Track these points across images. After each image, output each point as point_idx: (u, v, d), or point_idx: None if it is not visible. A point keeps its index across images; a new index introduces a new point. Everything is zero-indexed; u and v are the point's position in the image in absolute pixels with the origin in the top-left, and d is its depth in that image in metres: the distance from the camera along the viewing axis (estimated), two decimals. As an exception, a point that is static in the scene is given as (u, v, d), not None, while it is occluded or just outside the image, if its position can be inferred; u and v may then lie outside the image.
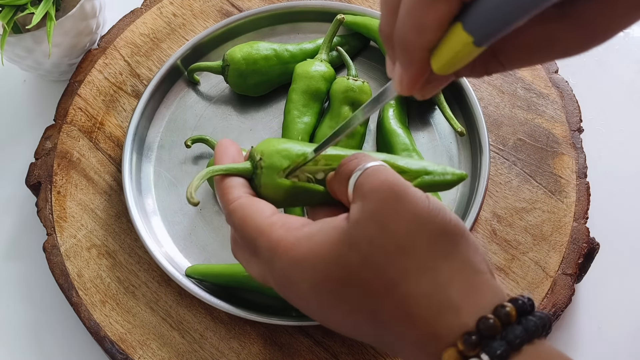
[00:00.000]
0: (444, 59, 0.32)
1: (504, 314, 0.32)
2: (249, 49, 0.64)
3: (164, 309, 0.58)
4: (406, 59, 0.32)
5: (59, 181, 0.64)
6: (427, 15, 0.30)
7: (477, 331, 0.32)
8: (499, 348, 0.31)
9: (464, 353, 0.32)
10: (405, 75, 0.33)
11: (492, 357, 0.31)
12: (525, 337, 0.32)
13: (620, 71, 0.71)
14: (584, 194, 0.60)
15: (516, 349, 0.32)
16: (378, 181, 0.37)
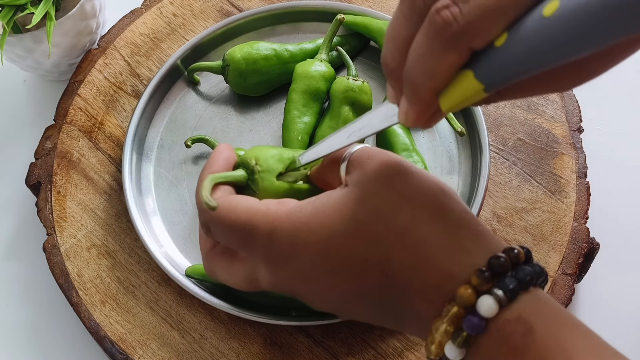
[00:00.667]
0: (453, 102, 0.33)
1: (514, 255, 0.34)
2: (249, 49, 0.64)
3: (164, 309, 0.58)
4: (414, 99, 0.34)
5: (59, 181, 0.64)
6: (439, 63, 0.32)
7: (489, 268, 0.34)
8: (511, 283, 0.33)
9: (477, 288, 0.34)
10: (412, 111, 0.35)
11: (505, 292, 0.33)
12: (534, 276, 0.34)
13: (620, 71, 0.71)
14: (584, 194, 0.60)
15: (525, 288, 0.34)
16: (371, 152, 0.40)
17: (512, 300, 0.33)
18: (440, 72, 0.32)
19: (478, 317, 0.33)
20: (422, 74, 0.33)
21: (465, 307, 0.34)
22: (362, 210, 0.37)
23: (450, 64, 0.32)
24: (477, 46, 0.31)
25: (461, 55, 0.31)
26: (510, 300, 0.33)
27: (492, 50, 0.31)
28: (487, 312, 0.33)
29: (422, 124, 0.36)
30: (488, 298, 0.33)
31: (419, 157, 0.59)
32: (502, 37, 0.31)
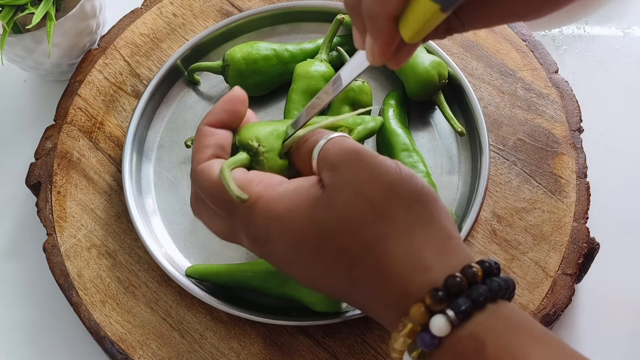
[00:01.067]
0: (413, 29, 0.33)
1: (471, 274, 0.34)
2: (249, 49, 0.64)
3: (164, 309, 0.58)
4: (374, 30, 0.34)
5: (59, 181, 0.64)
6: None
7: (444, 288, 0.34)
8: (463, 304, 0.33)
9: (430, 307, 0.34)
10: (376, 45, 0.35)
11: (456, 313, 0.33)
12: (489, 295, 0.34)
13: (620, 71, 0.71)
14: (584, 194, 0.60)
15: (480, 307, 0.34)
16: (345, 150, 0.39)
17: (464, 320, 0.33)
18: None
19: (430, 335, 0.33)
20: (375, 2, 0.33)
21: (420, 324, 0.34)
22: (331, 219, 0.37)
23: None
24: None
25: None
26: (462, 321, 0.33)
27: None
28: (438, 332, 0.33)
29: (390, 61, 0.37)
30: (440, 318, 0.33)
31: (418, 157, 0.59)
32: None
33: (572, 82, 0.66)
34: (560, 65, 0.67)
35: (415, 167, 0.58)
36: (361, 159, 0.38)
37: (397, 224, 0.36)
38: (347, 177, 0.38)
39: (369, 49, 0.36)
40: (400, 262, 0.35)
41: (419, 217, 0.36)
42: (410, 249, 0.36)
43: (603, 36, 0.74)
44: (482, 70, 0.66)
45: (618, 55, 0.72)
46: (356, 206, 0.37)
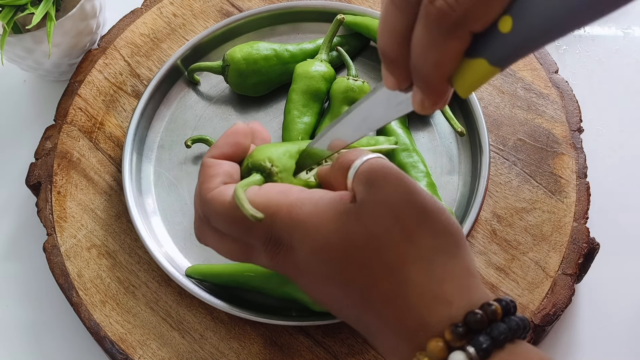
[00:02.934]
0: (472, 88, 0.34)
1: (491, 311, 0.34)
2: (249, 49, 0.64)
3: (164, 309, 0.58)
4: (428, 89, 0.35)
5: (59, 181, 0.64)
6: (444, 52, 0.32)
7: (464, 324, 0.33)
8: (485, 342, 0.33)
9: (450, 343, 0.33)
10: (428, 100, 0.36)
11: (477, 350, 0.33)
12: (509, 334, 0.34)
13: (620, 71, 0.71)
14: (584, 194, 0.60)
15: (500, 346, 0.33)
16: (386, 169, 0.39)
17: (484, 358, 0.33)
18: (447, 60, 0.33)
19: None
20: (430, 66, 0.33)
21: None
22: (359, 232, 0.37)
23: (454, 51, 0.32)
24: (477, 29, 0.32)
25: (463, 40, 0.32)
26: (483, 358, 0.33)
27: (501, 37, 0.32)
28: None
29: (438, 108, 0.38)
30: (460, 355, 0.33)
31: (418, 157, 0.59)
32: (507, 22, 0.31)
33: (572, 82, 0.66)
34: (560, 65, 0.67)
35: (415, 167, 0.58)
36: (401, 180, 0.38)
37: (423, 249, 0.36)
38: (383, 194, 0.37)
39: (418, 101, 0.37)
40: (420, 289, 0.35)
41: (444, 248, 0.36)
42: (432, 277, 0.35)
43: (603, 36, 0.74)
44: (482, 70, 0.66)
45: (618, 55, 0.72)
46: (387, 224, 0.36)
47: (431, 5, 0.31)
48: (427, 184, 0.58)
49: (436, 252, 0.36)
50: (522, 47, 0.32)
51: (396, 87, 0.38)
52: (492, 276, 0.57)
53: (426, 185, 0.57)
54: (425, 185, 0.57)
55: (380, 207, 0.37)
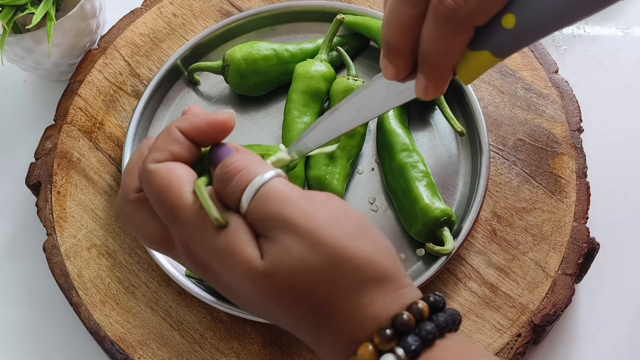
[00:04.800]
0: (475, 76, 0.39)
1: (417, 311, 0.34)
2: (249, 49, 0.64)
3: (164, 309, 0.58)
4: (434, 75, 0.39)
5: (59, 181, 0.64)
6: (452, 44, 0.37)
7: (392, 326, 0.34)
8: (413, 344, 0.33)
9: (379, 347, 0.33)
10: (432, 86, 0.39)
11: (406, 352, 0.33)
12: (437, 332, 0.34)
13: (620, 71, 0.71)
14: (584, 194, 0.60)
15: (429, 344, 0.34)
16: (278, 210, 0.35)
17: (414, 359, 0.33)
18: (454, 51, 0.37)
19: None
20: (439, 55, 0.38)
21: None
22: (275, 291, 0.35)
23: (461, 43, 0.37)
24: (480, 24, 0.36)
25: (468, 33, 0.37)
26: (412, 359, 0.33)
27: (505, 32, 0.36)
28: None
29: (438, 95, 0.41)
30: (390, 357, 0.33)
31: (418, 157, 0.59)
32: (510, 19, 0.36)
33: (572, 82, 0.66)
34: (560, 65, 0.67)
35: (415, 167, 0.58)
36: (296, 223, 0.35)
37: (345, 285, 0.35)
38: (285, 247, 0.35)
39: (421, 87, 0.39)
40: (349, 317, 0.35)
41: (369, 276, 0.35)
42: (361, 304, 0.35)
43: (603, 36, 0.74)
44: (482, 70, 0.66)
45: (618, 55, 0.72)
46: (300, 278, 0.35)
47: (441, 4, 0.35)
48: (427, 184, 0.58)
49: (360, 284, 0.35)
50: (524, 40, 0.37)
51: (395, 77, 0.40)
52: (492, 276, 0.57)
53: (426, 185, 0.58)
54: (425, 185, 0.58)
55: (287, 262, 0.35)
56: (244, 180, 0.36)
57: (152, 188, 0.38)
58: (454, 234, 0.57)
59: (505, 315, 0.56)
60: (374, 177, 0.62)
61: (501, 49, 0.37)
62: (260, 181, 0.36)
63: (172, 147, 0.39)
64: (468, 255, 0.58)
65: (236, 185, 0.37)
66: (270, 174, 0.37)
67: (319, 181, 0.59)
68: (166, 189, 0.37)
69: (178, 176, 0.38)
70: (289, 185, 0.37)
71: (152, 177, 0.38)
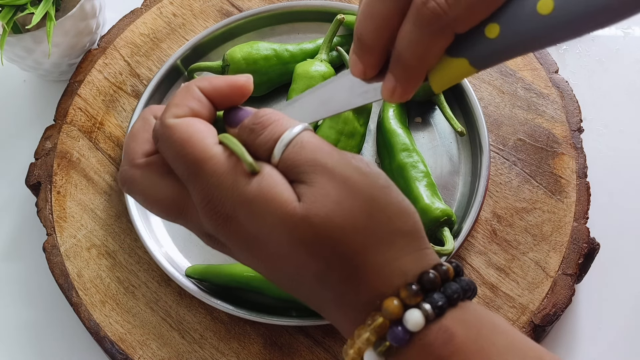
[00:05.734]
0: (446, 83, 0.37)
1: (443, 271, 0.35)
2: (249, 49, 0.64)
3: (164, 309, 0.58)
4: (406, 77, 0.37)
5: (58, 181, 0.64)
6: (430, 48, 0.35)
7: (418, 283, 0.34)
8: (440, 300, 0.34)
9: (405, 301, 0.34)
10: (400, 88, 0.38)
11: (433, 307, 0.33)
12: (461, 293, 0.35)
13: (621, 71, 0.71)
14: (584, 194, 0.60)
15: (454, 304, 0.34)
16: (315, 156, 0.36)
17: (439, 316, 0.33)
18: (431, 55, 0.36)
19: (403, 330, 0.33)
20: (414, 58, 0.36)
21: (391, 319, 0.34)
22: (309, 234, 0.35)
23: (439, 48, 0.36)
24: (462, 31, 0.35)
25: (448, 39, 0.35)
26: (437, 316, 0.33)
27: (486, 42, 0.35)
28: (413, 326, 0.33)
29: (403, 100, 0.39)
30: (416, 312, 0.33)
31: (418, 157, 0.59)
32: (494, 29, 0.34)
33: (572, 82, 0.66)
34: (561, 65, 0.67)
35: (415, 167, 0.58)
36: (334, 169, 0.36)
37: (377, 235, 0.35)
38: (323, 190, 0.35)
39: (389, 88, 0.38)
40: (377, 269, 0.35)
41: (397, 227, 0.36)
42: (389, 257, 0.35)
43: (603, 36, 0.74)
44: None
45: (618, 55, 0.72)
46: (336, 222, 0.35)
47: (424, 7, 0.34)
48: (427, 184, 0.58)
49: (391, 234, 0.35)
50: (505, 53, 0.35)
51: (362, 75, 0.39)
52: (492, 276, 0.57)
53: (426, 185, 0.57)
54: (425, 185, 0.57)
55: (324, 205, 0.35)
56: (277, 131, 0.37)
57: (172, 142, 0.37)
58: (454, 234, 0.56)
59: (506, 316, 0.56)
60: (374, 177, 0.62)
61: (480, 59, 0.35)
62: (294, 132, 0.37)
63: (191, 103, 0.38)
64: (468, 255, 0.58)
65: (269, 135, 0.37)
66: (302, 127, 0.37)
67: (319, 181, 0.59)
68: (189, 141, 0.36)
69: (200, 130, 0.37)
70: (321, 139, 0.37)
71: (172, 132, 0.37)
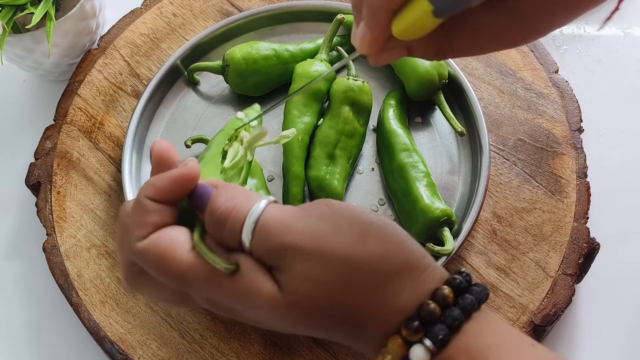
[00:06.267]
0: (404, 24, 0.36)
1: (441, 297, 0.34)
2: (249, 49, 0.64)
3: (164, 309, 0.58)
4: (371, 20, 0.37)
5: (58, 181, 0.64)
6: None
7: (418, 317, 0.34)
8: (440, 333, 0.33)
9: (407, 339, 0.33)
10: (368, 34, 0.37)
11: (434, 342, 0.33)
12: (463, 317, 0.34)
13: (621, 71, 0.71)
14: (584, 194, 0.60)
15: (456, 330, 0.34)
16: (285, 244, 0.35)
17: (442, 347, 0.33)
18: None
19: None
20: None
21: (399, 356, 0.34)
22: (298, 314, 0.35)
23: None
24: None
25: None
26: (440, 348, 0.33)
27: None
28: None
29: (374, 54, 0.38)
30: (419, 349, 0.33)
31: (418, 157, 0.59)
32: None
33: (572, 82, 0.66)
34: (561, 65, 0.67)
35: (415, 167, 0.58)
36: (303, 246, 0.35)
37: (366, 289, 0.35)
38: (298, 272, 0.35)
39: (360, 36, 0.38)
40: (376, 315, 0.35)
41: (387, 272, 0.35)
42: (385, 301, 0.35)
43: (603, 36, 0.74)
44: (482, 70, 0.66)
45: (618, 55, 0.72)
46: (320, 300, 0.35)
47: None
48: (427, 184, 0.58)
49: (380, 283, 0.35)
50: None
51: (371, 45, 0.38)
52: (492, 276, 0.57)
53: (426, 186, 0.57)
54: (425, 185, 0.57)
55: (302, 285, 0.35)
56: (238, 220, 0.36)
57: (149, 265, 0.37)
58: (454, 234, 0.56)
59: (506, 316, 0.56)
60: (374, 177, 0.62)
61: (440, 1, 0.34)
62: (254, 217, 0.36)
63: (149, 218, 0.38)
64: (468, 255, 0.58)
65: (232, 227, 0.36)
66: (261, 206, 0.36)
67: (319, 181, 0.59)
68: (162, 259, 0.36)
69: (168, 243, 0.37)
70: (282, 209, 0.36)
71: (144, 256, 0.37)
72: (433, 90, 0.62)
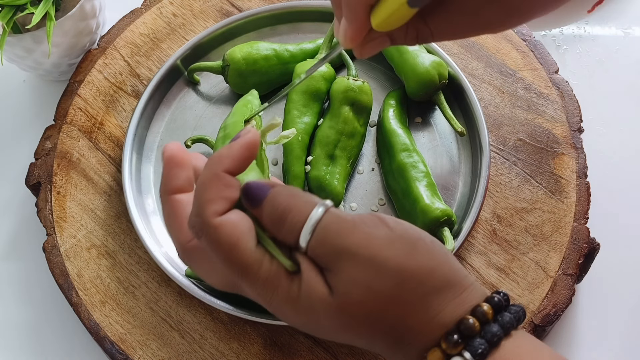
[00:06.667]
0: (382, 16, 0.37)
1: (481, 314, 0.35)
2: (249, 49, 0.64)
3: (164, 309, 0.58)
4: (350, 15, 0.38)
5: (58, 181, 0.64)
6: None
7: (457, 331, 0.34)
8: (479, 347, 0.34)
9: (446, 352, 0.34)
10: (349, 29, 0.39)
11: (473, 355, 0.34)
12: (502, 333, 0.34)
13: (621, 71, 0.71)
14: (584, 194, 0.60)
15: (495, 345, 0.34)
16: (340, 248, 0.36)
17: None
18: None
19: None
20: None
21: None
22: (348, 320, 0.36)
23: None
24: None
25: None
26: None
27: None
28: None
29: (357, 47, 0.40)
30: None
31: (418, 157, 0.59)
32: None
33: (572, 82, 0.66)
34: (561, 65, 0.67)
35: (415, 167, 0.58)
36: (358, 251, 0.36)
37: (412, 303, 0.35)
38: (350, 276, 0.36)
39: (342, 31, 0.39)
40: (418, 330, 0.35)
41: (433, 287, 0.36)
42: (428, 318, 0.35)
43: (603, 36, 0.74)
44: (482, 70, 0.66)
45: (618, 55, 0.72)
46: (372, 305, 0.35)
47: None
48: (427, 184, 0.58)
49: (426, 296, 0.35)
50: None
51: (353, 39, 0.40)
52: (492, 276, 0.57)
53: (426, 186, 0.57)
54: (426, 185, 0.57)
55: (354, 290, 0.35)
56: (298, 221, 0.37)
57: (219, 245, 0.37)
58: (454, 234, 0.56)
59: (506, 316, 0.56)
60: (374, 177, 0.62)
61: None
62: (314, 220, 0.36)
63: (227, 193, 0.38)
64: (468, 255, 0.58)
65: (290, 227, 0.37)
66: (321, 210, 0.37)
67: (319, 181, 0.59)
68: (236, 247, 0.37)
69: (245, 232, 0.37)
70: (340, 215, 0.37)
71: (218, 235, 0.37)
72: (433, 90, 0.62)
